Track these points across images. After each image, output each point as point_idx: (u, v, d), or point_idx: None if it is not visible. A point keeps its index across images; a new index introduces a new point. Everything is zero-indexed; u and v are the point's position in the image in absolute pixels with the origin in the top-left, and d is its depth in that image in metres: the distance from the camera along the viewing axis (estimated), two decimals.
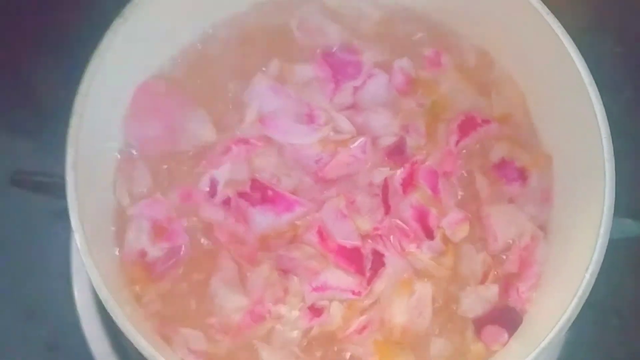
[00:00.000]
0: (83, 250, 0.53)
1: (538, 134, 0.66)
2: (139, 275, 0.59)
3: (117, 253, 0.60)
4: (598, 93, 0.58)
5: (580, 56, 0.59)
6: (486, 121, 0.65)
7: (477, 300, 0.60)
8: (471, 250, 0.61)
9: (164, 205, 0.61)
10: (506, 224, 0.61)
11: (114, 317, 0.52)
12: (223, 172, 0.61)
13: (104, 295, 0.53)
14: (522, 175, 0.64)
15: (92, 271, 0.53)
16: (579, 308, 0.53)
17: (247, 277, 0.59)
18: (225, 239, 0.60)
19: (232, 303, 0.58)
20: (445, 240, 0.61)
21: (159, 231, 0.60)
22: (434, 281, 0.60)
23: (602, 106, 0.58)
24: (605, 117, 0.57)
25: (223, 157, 0.62)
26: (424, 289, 0.60)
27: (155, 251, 0.59)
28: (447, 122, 0.64)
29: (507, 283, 0.61)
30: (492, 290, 0.60)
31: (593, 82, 0.58)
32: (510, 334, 0.60)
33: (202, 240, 0.61)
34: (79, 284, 0.71)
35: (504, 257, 0.62)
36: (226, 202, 0.61)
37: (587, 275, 0.53)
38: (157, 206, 0.61)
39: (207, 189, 0.61)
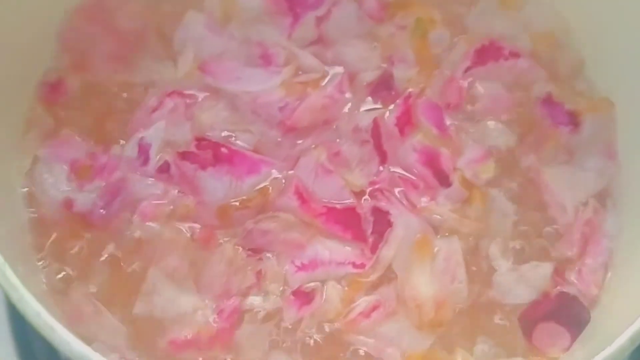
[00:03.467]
0: None
1: (591, 78, 0.53)
2: (69, 231, 0.46)
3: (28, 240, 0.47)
4: None
5: None
6: (514, 54, 0.52)
7: (519, 283, 0.46)
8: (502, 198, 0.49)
9: (78, 143, 0.49)
10: (569, 188, 0.49)
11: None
12: (156, 132, 0.49)
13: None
14: (572, 120, 0.51)
15: None
16: None
17: (200, 266, 0.46)
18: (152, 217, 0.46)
19: (186, 304, 0.45)
20: (467, 184, 0.49)
21: (82, 171, 0.48)
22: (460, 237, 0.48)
23: None
24: None
25: (154, 115, 0.49)
26: (450, 244, 0.47)
27: (84, 197, 0.47)
28: (439, 42, 0.53)
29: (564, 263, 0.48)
30: (544, 270, 0.47)
31: None
32: (574, 336, 0.45)
33: None
34: None
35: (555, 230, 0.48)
36: (163, 170, 0.48)
37: None
38: (70, 145, 0.49)
39: (136, 156, 0.48)
